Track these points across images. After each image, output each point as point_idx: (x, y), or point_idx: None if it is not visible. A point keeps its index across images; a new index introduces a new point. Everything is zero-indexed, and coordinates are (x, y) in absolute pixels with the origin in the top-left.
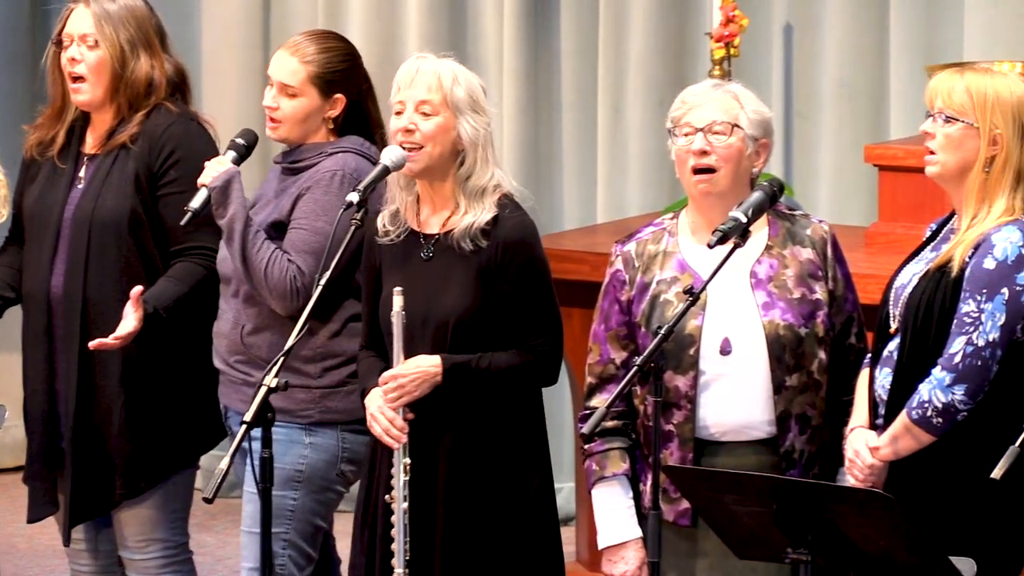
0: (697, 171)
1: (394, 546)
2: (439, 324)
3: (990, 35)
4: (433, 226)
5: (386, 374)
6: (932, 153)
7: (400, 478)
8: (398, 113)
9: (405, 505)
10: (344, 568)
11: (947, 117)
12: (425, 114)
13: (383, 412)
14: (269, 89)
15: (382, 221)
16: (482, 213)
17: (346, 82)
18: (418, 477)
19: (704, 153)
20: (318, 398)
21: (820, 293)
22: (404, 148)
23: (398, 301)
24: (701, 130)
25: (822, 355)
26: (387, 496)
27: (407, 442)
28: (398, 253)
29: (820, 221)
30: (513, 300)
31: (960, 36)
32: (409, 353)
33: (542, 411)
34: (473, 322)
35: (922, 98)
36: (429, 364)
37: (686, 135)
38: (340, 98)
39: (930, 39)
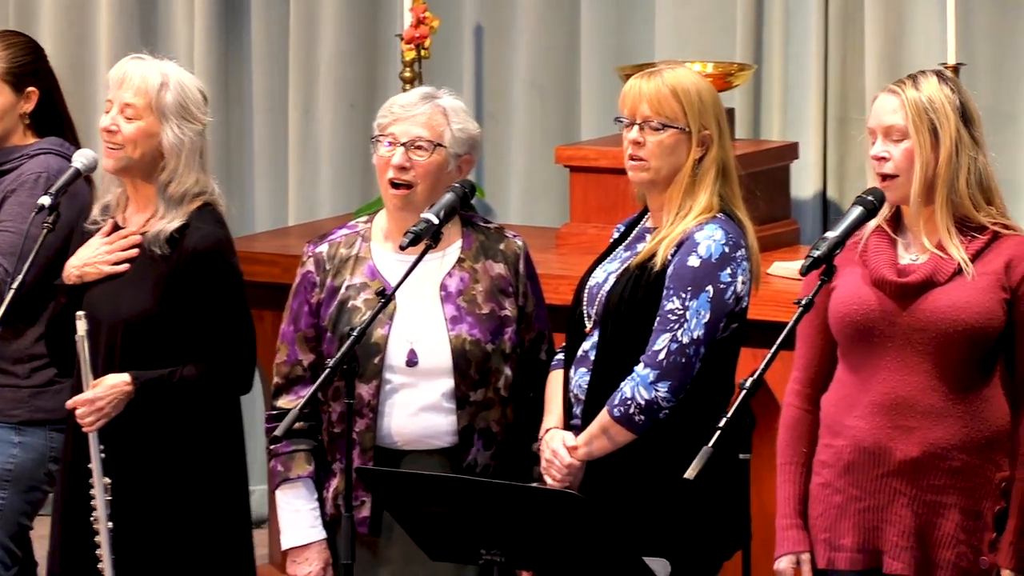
0: (395, 184)
1: (100, 565)
2: (112, 326)
3: (679, 36)
4: (133, 225)
5: (78, 399)
6: (639, 160)
7: (101, 498)
8: (107, 112)
9: (110, 524)
10: (42, 570)
11: (658, 124)
12: (128, 118)
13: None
14: None
15: (95, 212)
16: (173, 220)
17: (36, 75)
18: (114, 487)
19: (403, 169)
20: (27, 397)
21: (509, 309)
22: (106, 147)
23: (81, 325)
24: (404, 144)
25: (508, 371)
26: (91, 516)
27: (104, 458)
28: None
29: (515, 236)
30: (200, 310)
31: (651, 37)
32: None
33: (238, 418)
34: (147, 327)
35: (613, 99)
36: (121, 382)
37: (389, 145)
38: (33, 91)
39: (621, 41)
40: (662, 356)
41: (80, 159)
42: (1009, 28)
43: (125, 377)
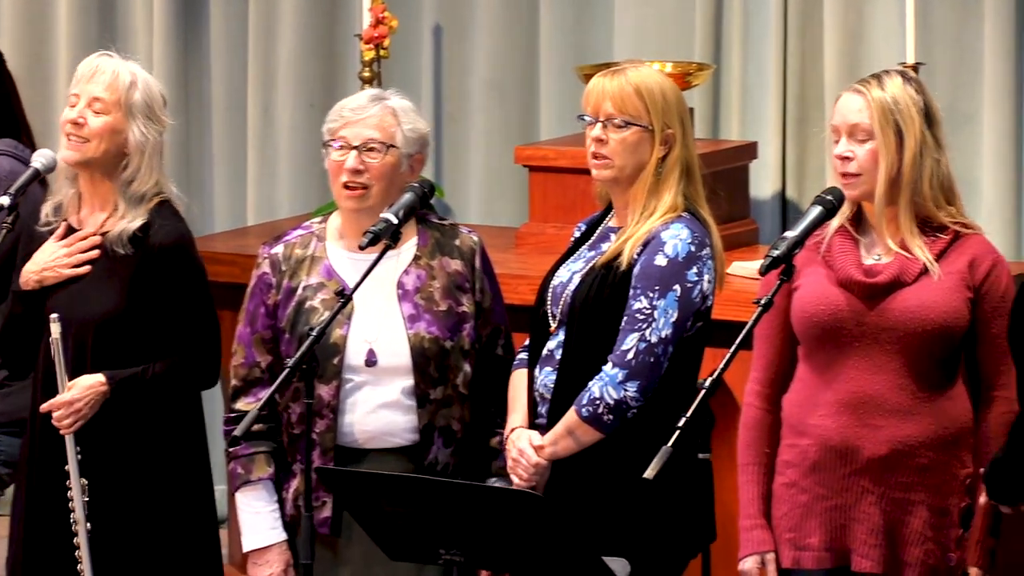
0: (349, 186)
1: (80, 567)
2: (81, 325)
3: (639, 36)
4: (90, 225)
5: (54, 402)
6: (602, 158)
7: (79, 499)
8: (72, 105)
9: (89, 525)
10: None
11: (621, 122)
12: (96, 112)
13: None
14: None
15: (46, 211)
16: (135, 219)
17: None
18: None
19: (358, 172)
20: None
21: (467, 305)
22: (70, 140)
23: (55, 328)
24: (356, 148)
25: (467, 368)
26: (71, 517)
27: (80, 459)
28: None
29: (470, 232)
30: (166, 306)
31: (610, 37)
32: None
33: (201, 415)
34: (116, 326)
35: (572, 99)
36: (96, 382)
37: (340, 149)
38: None
39: (580, 40)
40: (631, 356)
41: (39, 159)
42: (967, 28)
43: (100, 377)
